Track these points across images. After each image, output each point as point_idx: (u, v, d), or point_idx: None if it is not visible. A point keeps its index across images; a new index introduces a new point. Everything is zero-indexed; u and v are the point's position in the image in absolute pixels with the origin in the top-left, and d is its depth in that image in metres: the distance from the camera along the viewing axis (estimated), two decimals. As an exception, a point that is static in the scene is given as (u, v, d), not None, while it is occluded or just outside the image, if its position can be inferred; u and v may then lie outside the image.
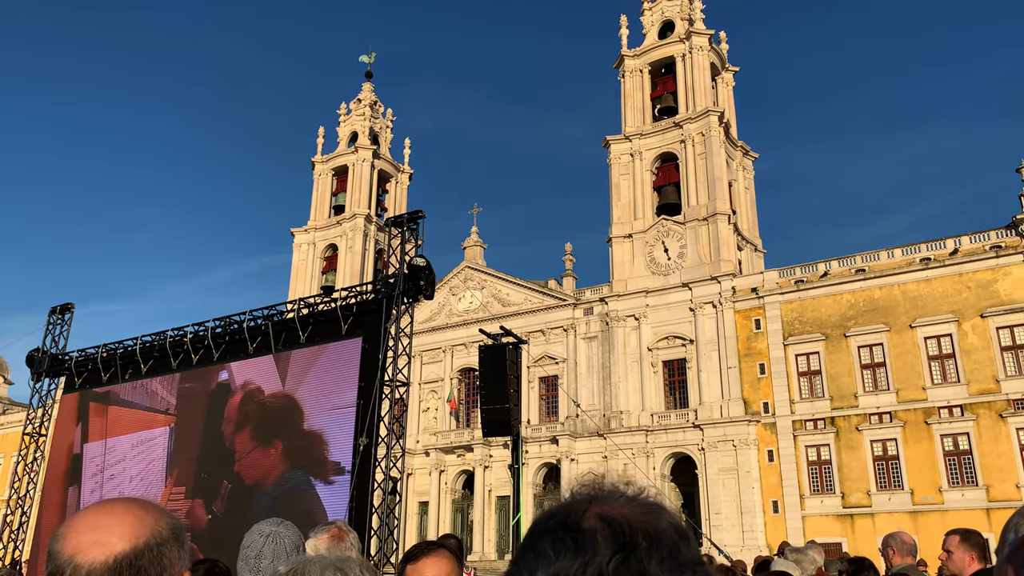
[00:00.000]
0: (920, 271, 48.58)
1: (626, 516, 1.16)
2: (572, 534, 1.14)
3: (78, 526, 1.66)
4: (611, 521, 1.15)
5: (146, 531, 1.68)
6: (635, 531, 1.14)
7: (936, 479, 45.32)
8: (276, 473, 25.98)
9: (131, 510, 1.71)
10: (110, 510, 1.71)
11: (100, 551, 1.62)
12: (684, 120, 60.81)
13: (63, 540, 1.64)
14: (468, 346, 62.83)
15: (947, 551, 5.66)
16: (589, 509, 1.18)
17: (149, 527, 1.69)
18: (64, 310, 36.09)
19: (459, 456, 61.41)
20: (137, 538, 1.66)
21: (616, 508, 1.18)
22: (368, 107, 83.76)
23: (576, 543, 1.13)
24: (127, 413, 31.64)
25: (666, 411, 54.81)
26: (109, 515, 1.69)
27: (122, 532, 1.65)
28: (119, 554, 1.63)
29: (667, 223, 59.15)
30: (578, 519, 1.16)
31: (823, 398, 49.62)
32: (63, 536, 1.65)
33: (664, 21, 66.69)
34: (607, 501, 1.20)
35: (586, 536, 1.13)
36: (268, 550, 3.40)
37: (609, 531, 1.14)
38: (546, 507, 1.28)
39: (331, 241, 77.42)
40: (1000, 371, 45.21)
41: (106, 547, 1.62)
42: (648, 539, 1.13)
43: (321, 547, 4.11)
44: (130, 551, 1.64)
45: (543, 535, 1.18)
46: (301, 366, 27.46)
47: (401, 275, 25.27)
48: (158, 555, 1.68)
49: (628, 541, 1.12)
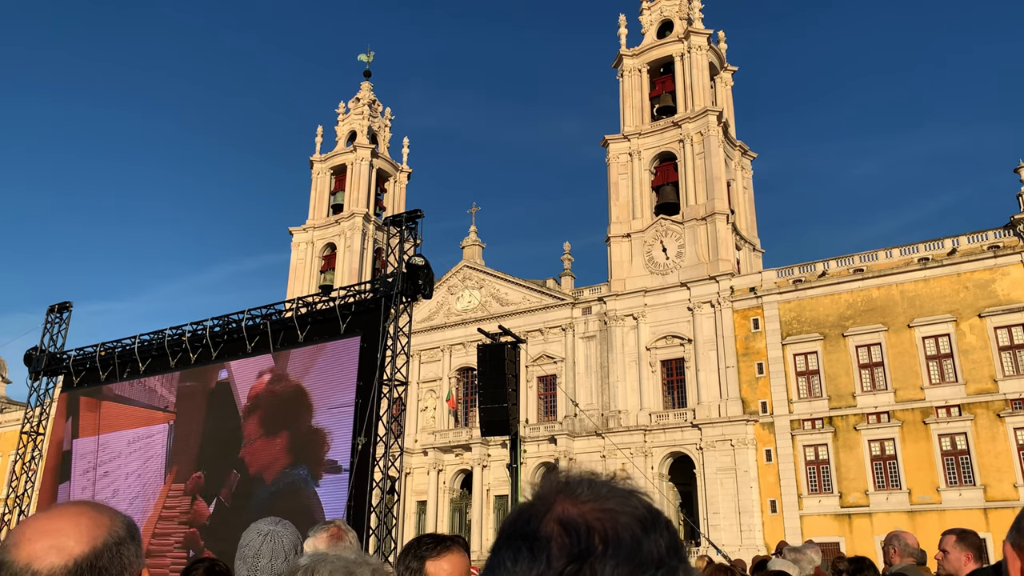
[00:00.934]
0: (918, 271, 48.63)
1: (585, 517, 1.12)
2: (528, 543, 1.11)
3: (29, 533, 1.58)
4: (568, 525, 1.11)
5: (103, 532, 1.63)
6: (592, 533, 1.09)
7: (934, 479, 45.38)
8: (278, 466, 26.03)
9: (84, 512, 1.65)
10: (61, 514, 1.63)
11: (57, 555, 1.55)
12: (683, 120, 60.83)
13: (15, 548, 1.56)
14: (466, 345, 62.84)
15: (943, 551, 5.68)
16: (551, 510, 1.14)
17: (105, 527, 1.64)
18: (62, 309, 36.05)
19: (457, 455, 61.43)
20: (95, 539, 1.60)
21: (577, 506, 1.13)
22: (367, 106, 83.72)
23: (531, 553, 1.10)
24: (122, 409, 31.53)
25: (664, 411, 54.84)
26: (61, 518, 1.62)
27: (78, 534, 1.59)
28: (78, 557, 1.56)
29: (665, 223, 59.17)
30: (536, 524, 1.13)
31: (821, 398, 49.67)
32: (15, 544, 1.56)
33: (663, 20, 66.71)
34: (572, 496, 1.15)
35: (541, 545, 1.10)
36: (266, 549, 3.40)
37: (565, 537, 1.10)
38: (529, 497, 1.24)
39: (329, 240, 77.40)
40: (998, 371, 45.27)
41: (63, 551, 1.56)
42: (605, 541, 1.09)
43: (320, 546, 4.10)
44: (89, 552, 1.58)
45: (504, 543, 1.15)
46: (299, 365, 27.46)
47: (399, 274, 25.26)
48: (117, 555, 1.63)
49: (583, 548, 1.08)
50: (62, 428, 33.36)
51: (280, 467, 26.06)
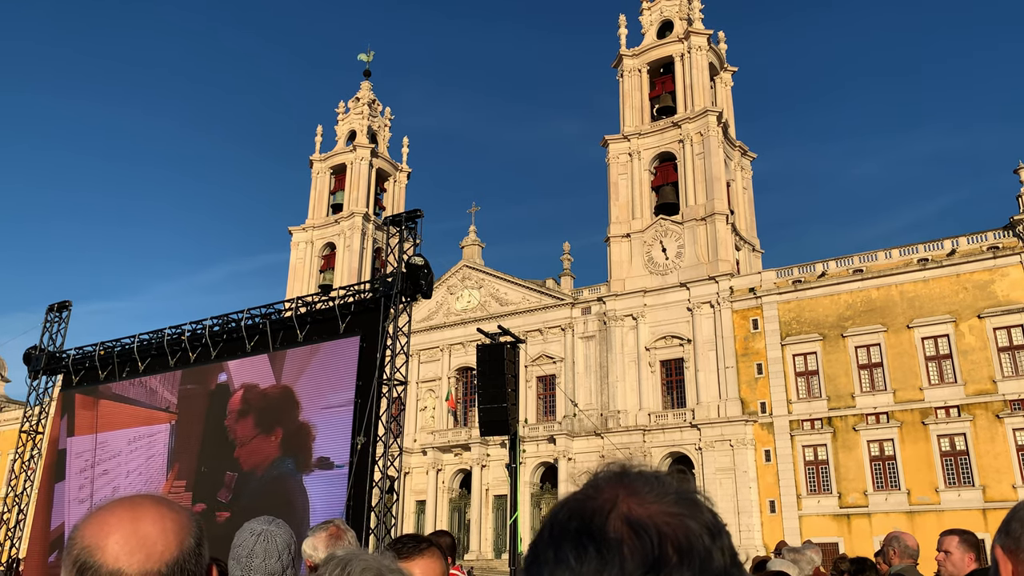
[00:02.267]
0: (918, 272, 48.62)
1: (654, 520, 1.06)
2: (596, 543, 1.05)
3: (115, 535, 1.50)
4: (638, 527, 1.05)
5: (186, 533, 1.59)
6: (664, 541, 1.04)
7: (933, 479, 45.37)
8: (269, 462, 26.14)
9: (164, 512, 1.59)
10: (143, 514, 1.56)
11: (148, 560, 1.50)
12: (682, 120, 60.82)
13: (101, 551, 1.48)
14: (466, 345, 62.82)
15: (945, 551, 5.64)
16: (615, 508, 1.08)
17: (187, 528, 1.60)
18: (61, 308, 36.03)
19: (456, 455, 61.40)
20: (181, 541, 1.57)
21: (644, 507, 1.08)
22: (366, 106, 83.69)
23: (600, 553, 1.04)
24: (123, 408, 31.55)
25: (663, 411, 54.83)
26: (145, 519, 1.55)
27: (166, 537, 1.54)
28: (169, 561, 1.53)
29: (665, 223, 59.16)
30: (602, 522, 1.06)
31: (820, 398, 49.66)
32: (98, 547, 1.49)
33: (663, 21, 66.69)
34: (636, 495, 1.09)
35: (611, 546, 1.04)
36: (260, 549, 3.37)
37: (637, 541, 1.04)
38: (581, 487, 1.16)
39: (329, 240, 77.37)
40: (997, 372, 45.26)
41: (153, 555, 1.51)
42: (679, 551, 1.04)
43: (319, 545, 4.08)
44: (177, 556, 1.54)
45: (564, 539, 1.08)
46: (298, 365, 27.46)
47: (399, 274, 25.25)
48: (199, 555, 1.60)
49: (657, 556, 1.02)
50: (58, 426, 33.37)
51: (271, 463, 26.14)
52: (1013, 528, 2.07)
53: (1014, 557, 2.04)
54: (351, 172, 79.07)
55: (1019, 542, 2.03)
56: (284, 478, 25.48)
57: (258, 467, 26.35)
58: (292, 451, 25.82)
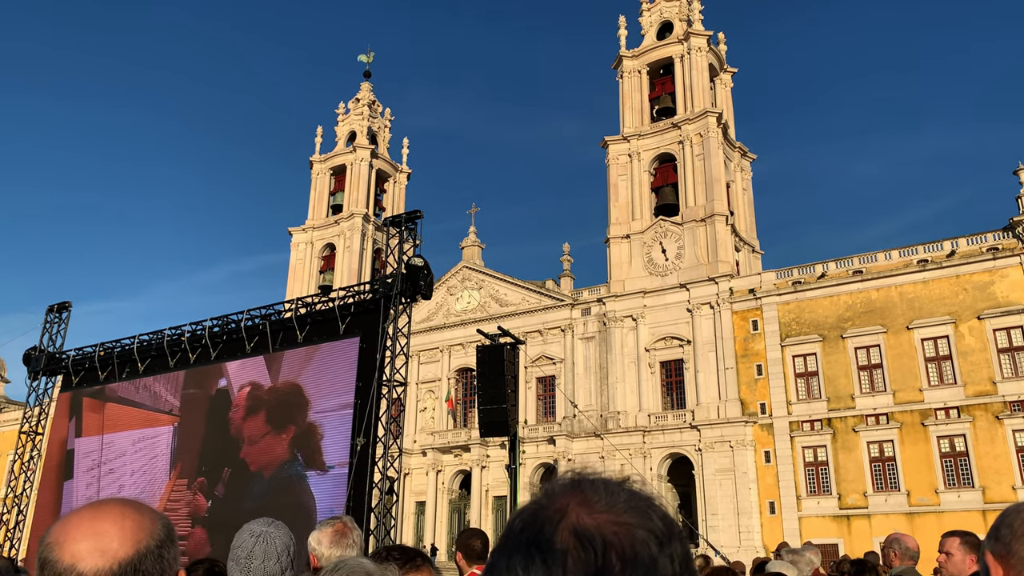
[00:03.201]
0: (917, 273, 48.62)
1: (601, 529, 1.09)
2: (542, 554, 1.09)
3: (73, 532, 1.56)
4: (584, 538, 1.08)
5: (145, 534, 1.61)
6: (609, 550, 1.07)
7: (932, 480, 45.36)
8: (276, 463, 26.19)
9: (126, 513, 1.62)
10: (104, 514, 1.60)
11: (102, 558, 1.53)
12: (682, 121, 60.83)
13: (59, 548, 1.54)
14: (466, 346, 62.83)
15: (947, 553, 5.63)
16: (565, 518, 1.11)
17: (147, 529, 1.62)
18: (61, 308, 36.02)
19: (456, 456, 61.38)
20: (138, 541, 1.59)
21: (593, 516, 1.11)
22: (366, 107, 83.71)
23: (546, 565, 1.08)
24: (127, 411, 31.71)
25: (663, 412, 54.82)
26: (103, 520, 1.59)
27: (122, 536, 1.57)
28: (123, 559, 1.55)
29: (665, 224, 59.17)
30: (551, 534, 1.10)
31: (820, 399, 49.65)
32: (58, 544, 1.55)
33: (663, 22, 66.72)
34: (586, 504, 1.13)
35: (556, 558, 1.08)
36: (259, 550, 3.37)
37: (581, 551, 1.07)
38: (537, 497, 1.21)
39: (329, 240, 77.37)
40: (997, 373, 45.25)
41: (107, 553, 1.54)
42: (622, 559, 1.07)
43: (325, 541, 4.12)
44: (133, 555, 1.57)
45: (516, 550, 1.12)
46: (298, 366, 27.48)
47: (399, 275, 25.24)
48: (159, 557, 1.61)
49: (600, 565, 1.06)
50: (64, 427, 33.43)
51: (277, 464, 26.17)
52: (1003, 533, 2.07)
53: (1004, 562, 2.04)
54: (351, 173, 79.09)
55: (1009, 547, 2.03)
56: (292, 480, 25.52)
57: (265, 469, 26.40)
58: (301, 450, 25.88)
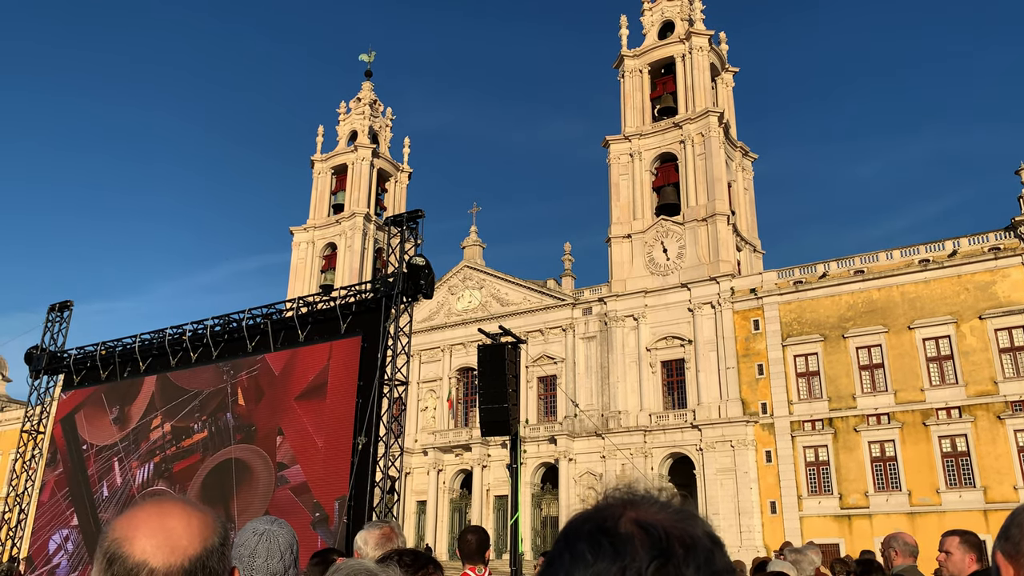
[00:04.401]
0: (919, 272, 48.58)
1: (662, 523, 1.17)
2: (609, 538, 1.15)
3: (143, 529, 1.62)
4: (648, 527, 1.16)
5: (210, 531, 1.69)
6: (672, 538, 1.15)
7: (934, 480, 45.33)
8: (275, 459, 26.22)
9: (191, 511, 1.70)
10: (170, 512, 1.67)
11: (172, 554, 1.60)
12: (684, 120, 60.80)
13: (129, 543, 1.59)
14: (467, 345, 62.83)
15: (946, 552, 5.64)
16: (624, 514, 1.19)
17: (211, 527, 1.70)
18: (63, 308, 36.07)
19: (457, 455, 61.40)
20: (206, 539, 1.66)
21: (651, 514, 1.19)
22: (368, 106, 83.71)
23: (614, 547, 1.14)
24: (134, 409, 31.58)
25: (664, 411, 54.80)
26: (171, 517, 1.66)
27: (191, 534, 1.64)
28: (192, 556, 1.62)
29: (666, 223, 59.14)
30: (614, 524, 1.17)
31: (821, 399, 49.62)
32: (127, 539, 1.60)
33: (664, 21, 66.68)
34: (641, 507, 1.21)
35: (623, 541, 1.14)
36: (262, 548, 3.38)
37: (646, 537, 1.15)
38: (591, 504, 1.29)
39: (330, 240, 77.38)
40: (998, 373, 45.22)
41: (177, 550, 1.61)
42: (684, 546, 1.15)
43: (371, 542, 4.17)
44: (202, 552, 1.64)
45: (579, 538, 1.18)
46: (298, 364, 27.47)
47: (400, 274, 25.26)
48: (222, 555, 1.69)
49: (665, 547, 1.13)
50: (71, 425, 33.26)
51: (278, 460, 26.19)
52: (1012, 533, 2.08)
53: (1015, 562, 2.05)
54: (352, 172, 79.09)
55: (1019, 547, 2.04)
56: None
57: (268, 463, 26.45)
58: (300, 455, 25.94)
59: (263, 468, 26.49)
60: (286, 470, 25.90)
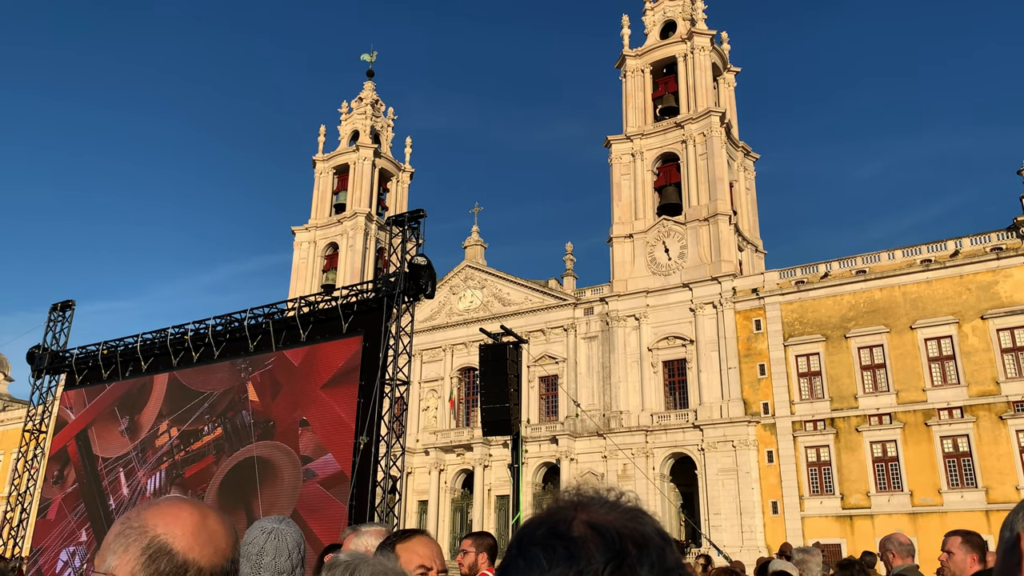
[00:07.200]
0: (921, 272, 48.55)
1: (613, 523, 1.18)
2: (563, 542, 1.16)
3: (189, 527, 1.71)
4: (600, 528, 1.17)
5: (236, 536, 1.82)
6: (624, 538, 1.16)
7: (936, 481, 45.29)
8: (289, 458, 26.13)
9: (221, 516, 1.81)
10: (209, 514, 1.78)
11: (216, 555, 1.71)
12: (685, 120, 60.78)
13: (174, 540, 1.67)
14: (468, 345, 62.84)
15: (948, 552, 5.65)
16: (576, 516, 1.19)
17: (233, 531, 1.82)
18: (65, 307, 36.10)
19: (459, 455, 61.42)
20: (236, 542, 1.80)
21: (601, 515, 1.20)
22: (369, 106, 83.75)
23: (568, 551, 1.14)
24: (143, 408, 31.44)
25: (666, 411, 54.79)
26: (211, 519, 1.76)
27: (227, 537, 1.76)
28: (231, 558, 1.75)
29: (668, 223, 59.12)
30: (567, 527, 1.18)
31: (823, 399, 49.59)
32: (173, 536, 1.68)
33: (666, 21, 66.65)
34: (591, 508, 1.22)
35: (577, 544, 1.15)
36: (270, 547, 3.39)
37: (600, 539, 1.15)
38: (543, 508, 1.30)
39: (332, 240, 77.42)
40: (1000, 373, 45.17)
41: (219, 551, 1.72)
42: (637, 546, 1.16)
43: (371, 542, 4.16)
44: (234, 554, 1.77)
45: (533, 543, 1.18)
46: (299, 364, 27.44)
47: (402, 274, 25.28)
48: (238, 557, 1.82)
49: (619, 548, 1.14)
50: (75, 424, 33.19)
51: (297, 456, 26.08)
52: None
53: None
54: (354, 172, 79.13)
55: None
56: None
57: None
58: (306, 454, 25.83)
59: (288, 463, 25.91)
60: (311, 463, 25.34)
